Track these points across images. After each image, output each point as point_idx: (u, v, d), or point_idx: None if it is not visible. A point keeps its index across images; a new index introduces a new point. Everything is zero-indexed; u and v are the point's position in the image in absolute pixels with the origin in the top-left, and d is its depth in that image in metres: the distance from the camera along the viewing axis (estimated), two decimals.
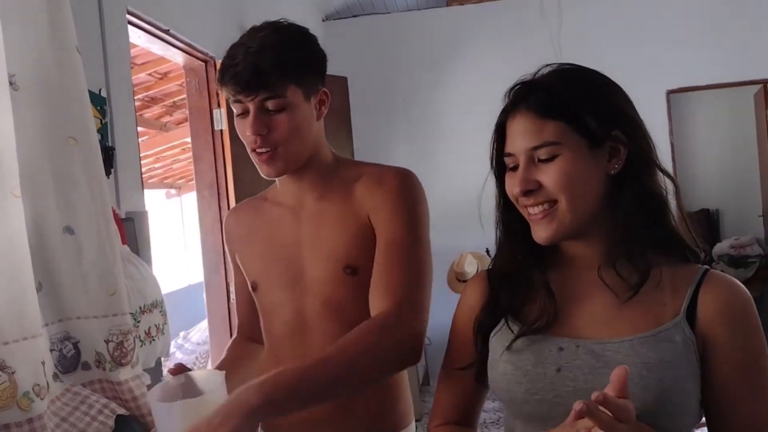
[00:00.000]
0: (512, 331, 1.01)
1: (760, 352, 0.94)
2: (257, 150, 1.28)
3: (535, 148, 0.95)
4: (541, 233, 0.98)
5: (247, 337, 1.55)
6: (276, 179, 1.38)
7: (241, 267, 1.47)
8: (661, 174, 0.99)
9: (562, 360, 0.95)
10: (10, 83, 1.37)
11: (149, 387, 1.64)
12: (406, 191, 1.27)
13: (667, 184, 1.00)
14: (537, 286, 1.02)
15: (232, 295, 3.11)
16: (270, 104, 1.24)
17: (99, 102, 1.99)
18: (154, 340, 1.79)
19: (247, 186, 2.90)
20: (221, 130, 3.03)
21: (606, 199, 0.97)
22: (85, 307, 1.54)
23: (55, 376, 1.46)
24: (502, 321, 1.03)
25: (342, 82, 4.36)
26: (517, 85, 1.01)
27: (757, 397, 0.93)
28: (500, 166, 1.03)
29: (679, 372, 0.90)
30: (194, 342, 4.33)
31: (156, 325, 1.81)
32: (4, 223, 1.28)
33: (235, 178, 2.98)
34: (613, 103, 0.99)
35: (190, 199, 9.06)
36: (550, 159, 0.95)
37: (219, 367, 1.38)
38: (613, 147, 0.97)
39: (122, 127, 2.02)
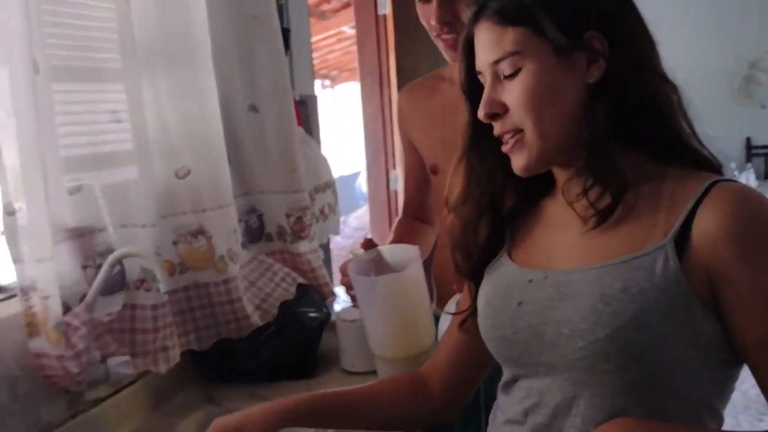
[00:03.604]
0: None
1: None
2: (442, 36, 1.30)
3: (497, 61, 0.82)
4: (516, 163, 0.86)
5: (412, 216, 1.58)
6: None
7: (417, 148, 1.48)
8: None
9: (527, 293, 0.86)
10: None
11: (323, 261, 1.74)
12: None
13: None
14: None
15: (392, 183, 3.18)
16: None
17: None
18: (326, 218, 1.87)
19: (410, 72, 2.87)
20: (384, 15, 2.99)
21: (584, 114, 0.82)
22: (268, 182, 1.63)
23: (243, 245, 1.58)
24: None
25: None
26: None
27: None
28: (474, 86, 0.90)
29: (646, 306, 0.75)
30: (352, 227, 4.55)
31: (328, 205, 1.88)
32: (198, 99, 1.36)
33: (397, 65, 2.96)
34: None
35: (344, 90, 9.23)
36: (514, 74, 0.82)
37: None
38: (590, 51, 0.81)
39: (296, 9, 2.04)
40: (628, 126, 0.81)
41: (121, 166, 1.25)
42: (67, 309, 1.12)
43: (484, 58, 0.85)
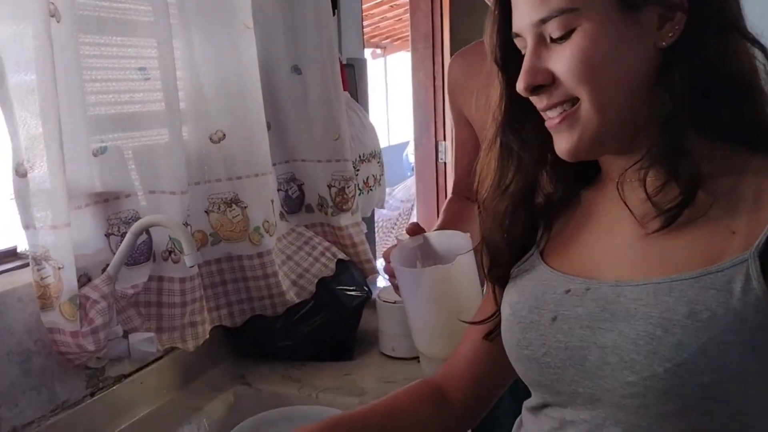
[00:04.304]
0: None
1: None
2: None
3: (544, 20, 0.66)
4: (561, 144, 0.70)
5: (464, 196, 1.47)
6: None
7: (470, 122, 1.35)
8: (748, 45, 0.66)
9: (563, 306, 0.71)
10: None
11: (366, 236, 1.64)
12: None
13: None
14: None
15: (441, 154, 3.06)
16: None
17: None
18: (371, 189, 1.77)
19: (464, 39, 2.72)
20: None
21: (656, 84, 0.66)
22: (310, 150, 1.53)
23: (282, 216, 1.48)
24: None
25: None
26: None
27: None
28: (510, 53, 0.74)
29: (719, 336, 0.59)
30: (398, 199, 4.44)
31: (374, 176, 1.77)
32: (236, 55, 1.26)
33: (451, 30, 2.81)
34: None
35: (395, 59, 9.07)
36: (566, 36, 0.66)
37: (439, 229, 1.31)
38: (665, 5, 0.65)
39: None
40: (703, 102, 0.65)
41: (151, 128, 1.16)
42: (88, 280, 1.04)
43: (525, 17, 0.68)
